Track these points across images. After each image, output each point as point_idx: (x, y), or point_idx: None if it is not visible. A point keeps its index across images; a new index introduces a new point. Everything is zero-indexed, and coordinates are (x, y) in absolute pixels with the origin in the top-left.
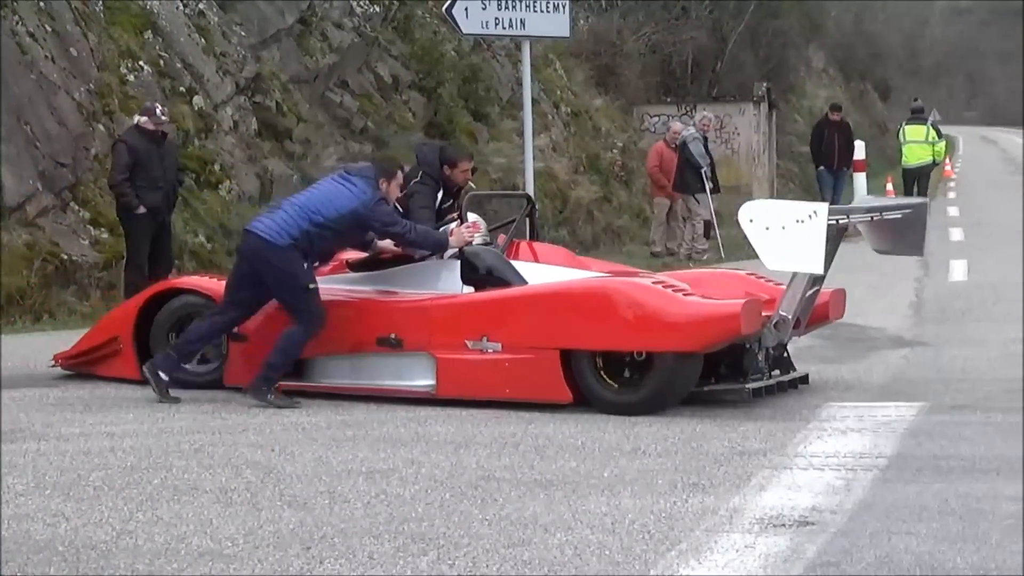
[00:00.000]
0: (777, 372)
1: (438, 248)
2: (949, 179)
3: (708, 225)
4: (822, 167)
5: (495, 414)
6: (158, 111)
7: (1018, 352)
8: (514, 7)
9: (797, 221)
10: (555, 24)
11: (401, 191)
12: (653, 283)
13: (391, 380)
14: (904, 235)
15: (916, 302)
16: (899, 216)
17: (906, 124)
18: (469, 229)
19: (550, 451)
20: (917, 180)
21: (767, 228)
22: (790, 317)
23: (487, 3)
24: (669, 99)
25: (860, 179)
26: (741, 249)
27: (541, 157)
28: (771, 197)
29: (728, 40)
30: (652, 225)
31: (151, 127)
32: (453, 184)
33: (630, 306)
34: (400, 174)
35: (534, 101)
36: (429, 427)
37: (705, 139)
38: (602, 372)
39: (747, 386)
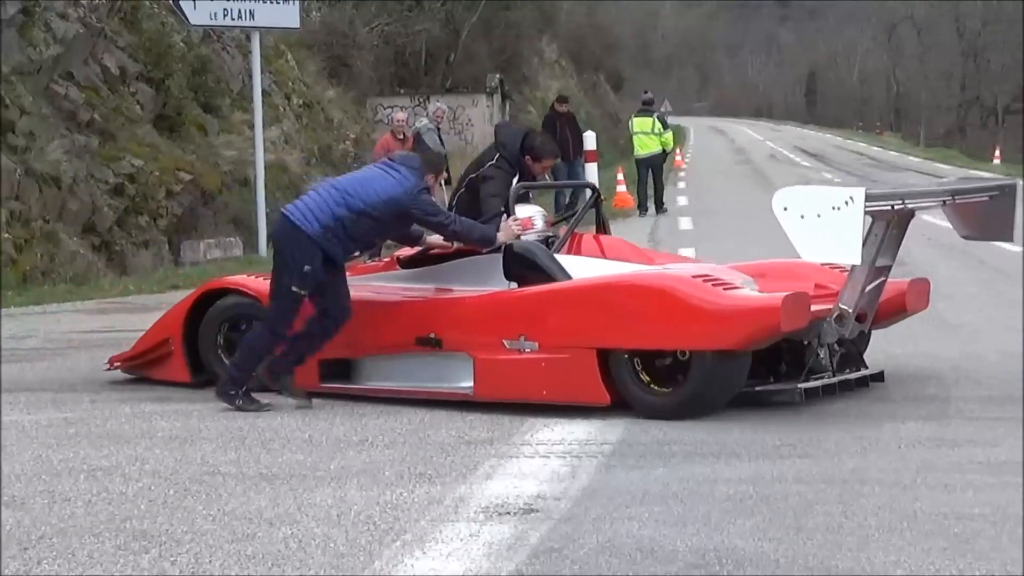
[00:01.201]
0: (848, 370)
1: (484, 242)
2: (679, 169)
3: None
4: (558, 159)
5: (221, 407)
6: None
7: None
8: None
9: (833, 208)
10: (285, 15)
11: (475, 172)
12: (693, 276)
13: (431, 382)
14: (990, 219)
15: None
16: (985, 199)
17: (635, 116)
18: (518, 223)
19: (276, 444)
20: (651, 169)
21: (802, 216)
22: (851, 311)
23: None
24: (403, 90)
25: (592, 169)
26: None
27: (272, 149)
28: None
29: (462, 32)
30: None
31: None
32: (529, 174)
33: (663, 301)
34: (445, 172)
35: (265, 93)
36: (154, 423)
37: (438, 130)
38: (641, 372)
39: (799, 386)
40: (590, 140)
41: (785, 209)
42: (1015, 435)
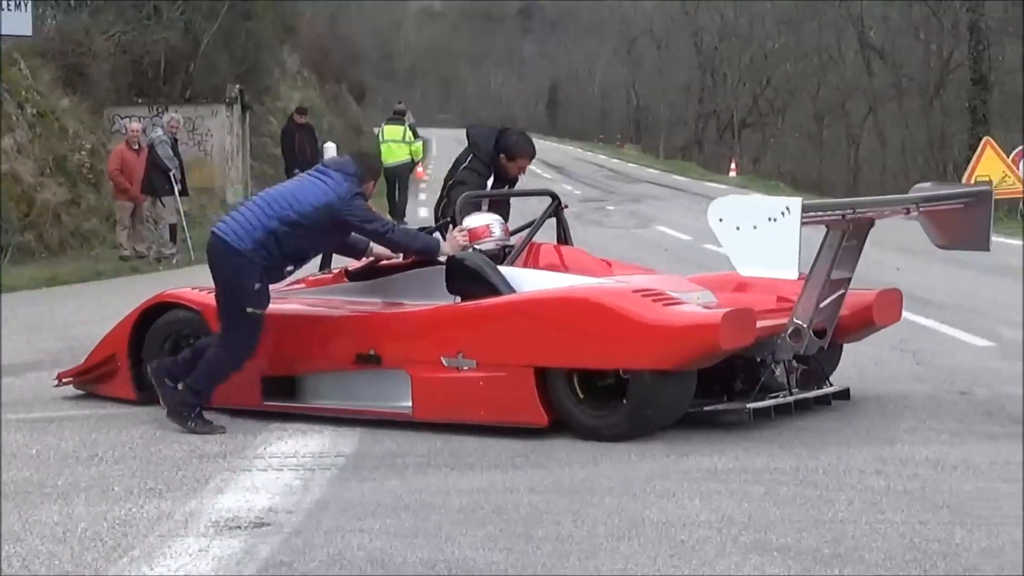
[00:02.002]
0: (812, 388)
1: (426, 252)
2: (421, 181)
3: (174, 228)
4: (296, 169)
5: None
6: None
7: None
8: None
9: (769, 219)
10: (17, 22)
11: (448, 179)
12: (633, 291)
13: (372, 401)
14: (965, 228)
15: None
16: (959, 206)
17: (385, 124)
18: (463, 233)
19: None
20: (397, 178)
21: (737, 228)
22: (806, 326)
23: None
24: (141, 100)
25: None
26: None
27: (5, 159)
28: (246, 197)
29: (201, 41)
30: (117, 229)
31: None
32: (505, 175)
33: (598, 317)
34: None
35: None
36: None
37: (174, 141)
38: (579, 392)
39: (748, 406)
40: (330, 151)
41: (720, 220)
42: (741, 444)
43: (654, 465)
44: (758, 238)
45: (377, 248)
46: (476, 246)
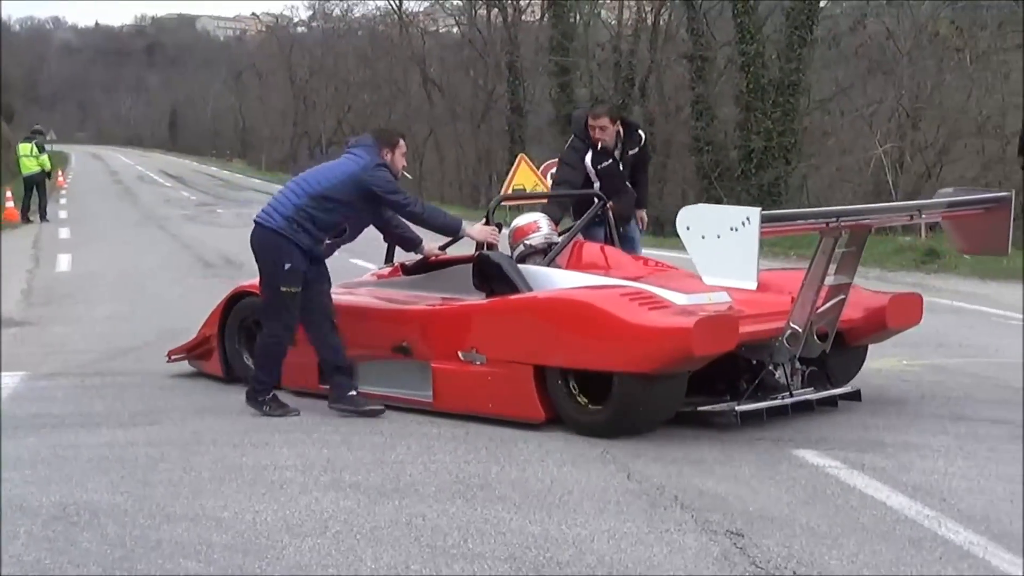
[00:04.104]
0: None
1: (447, 231)
2: (62, 188)
3: None
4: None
5: None
6: None
7: (104, 327)
8: None
9: (731, 229)
10: None
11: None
12: (620, 294)
13: (405, 389)
14: (985, 232)
15: (27, 289)
16: (981, 211)
17: (21, 143)
18: (493, 232)
19: None
20: (36, 187)
21: (703, 237)
22: (801, 330)
23: None
24: None
25: None
26: None
27: None
28: None
29: None
30: None
31: None
32: (594, 141)
33: (582, 320)
34: (403, 143)
35: None
36: None
37: None
38: (574, 389)
39: (736, 408)
40: None
41: (688, 228)
42: (324, 404)
43: (251, 421)
44: (721, 247)
45: (428, 245)
46: (525, 241)
